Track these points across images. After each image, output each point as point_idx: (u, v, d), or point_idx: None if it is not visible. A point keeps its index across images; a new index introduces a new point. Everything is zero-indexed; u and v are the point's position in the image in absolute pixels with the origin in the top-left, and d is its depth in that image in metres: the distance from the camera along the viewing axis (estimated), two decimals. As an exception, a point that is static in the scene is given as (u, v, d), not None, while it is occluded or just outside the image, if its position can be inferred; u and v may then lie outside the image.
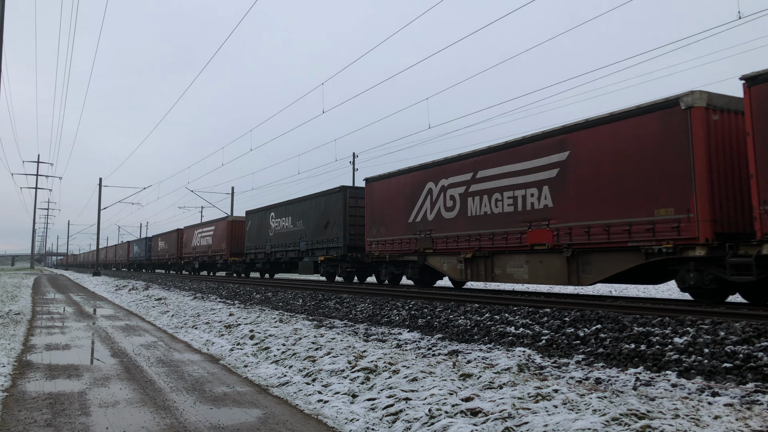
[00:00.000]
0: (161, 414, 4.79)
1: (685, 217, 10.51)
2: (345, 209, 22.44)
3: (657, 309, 8.91)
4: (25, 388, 5.73)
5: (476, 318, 9.59)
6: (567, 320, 8.36)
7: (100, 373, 6.53)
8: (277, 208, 29.09)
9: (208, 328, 10.37)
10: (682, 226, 10.55)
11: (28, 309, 14.62)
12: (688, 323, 7.13)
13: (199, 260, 41.49)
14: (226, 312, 12.39)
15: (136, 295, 19.89)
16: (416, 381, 5.33)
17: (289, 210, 27.47)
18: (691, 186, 10.44)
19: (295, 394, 5.60)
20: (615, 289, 24.54)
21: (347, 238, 22.29)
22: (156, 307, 15.29)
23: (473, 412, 4.34)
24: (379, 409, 4.79)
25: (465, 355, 7.27)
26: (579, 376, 5.94)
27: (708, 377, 5.70)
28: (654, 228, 11.03)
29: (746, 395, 4.91)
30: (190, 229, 44.41)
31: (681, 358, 6.18)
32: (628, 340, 7.07)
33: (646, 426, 3.67)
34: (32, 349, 8.22)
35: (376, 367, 5.93)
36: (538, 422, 3.97)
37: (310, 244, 24.82)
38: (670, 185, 10.81)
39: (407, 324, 10.49)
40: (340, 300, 14.04)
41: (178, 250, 46.68)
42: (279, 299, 16.38)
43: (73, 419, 4.61)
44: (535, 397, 4.58)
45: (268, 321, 10.47)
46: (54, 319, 12.42)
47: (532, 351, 7.45)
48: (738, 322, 6.81)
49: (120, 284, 28.21)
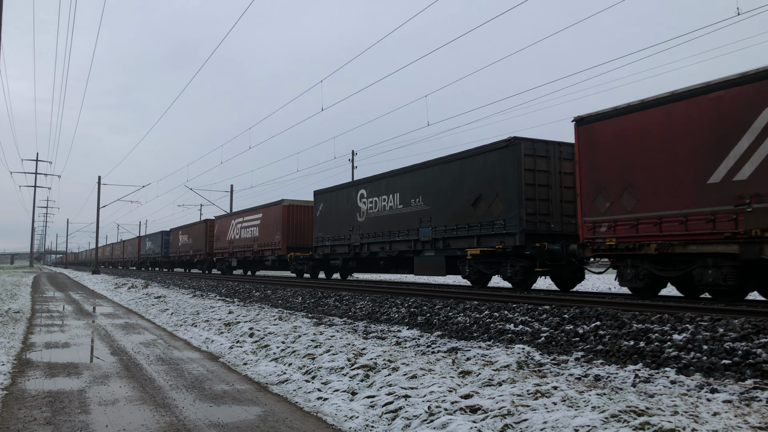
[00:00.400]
0: (161, 412, 4.79)
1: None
2: (518, 174, 14.47)
3: (656, 306, 8.91)
4: (25, 386, 5.73)
5: (475, 315, 9.60)
6: (566, 317, 8.36)
7: (99, 371, 6.53)
8: (372, 182, 21.10)
9: (208, 326, 10.38)
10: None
11: (27, 307, 14.61)
12: (687, 320, 7.14)
13: (239, 256, 33.37)
14: (225, 310, 12.40)
15: (136, 293, 19.89)
16: (416, 378, 5.34)
17: (397, 183, 19.53)
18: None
19: (294, 391, 5.60)
20: (615, 287, 24.59)
21: (523, 220, 14.34)
22: (155, 305, 15.30)
23: (473, 410, 4.34)
24: (378, 407, 4.80)
25: (464, 353, 7.27)
26: (578, 373, 5.94)
27: (707, 374, 5.71)
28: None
29: (745, 392, 4.92)
30: (225, 219, 36.65)
31: (680, 355, 6.19)
32: (627, 337, 7.08)
33: (645, 423, 3.68)
34: (32, 347, 8.21)
35: (375, 365, 5.94)
36: (537, 419, 3.98)
37: (443, 231, 16.98)
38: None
39: (407, 321, 10.50)
40: (339, 298, 14.05)
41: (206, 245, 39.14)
42: (278, 297, 16.39)
43: (73, 417, 4.61)
44: (535, 394, 4.59)
45: (268, 319, 10.47)
46: (53, 318, 12.42)
47: (532, 348, 7.46)
48: (737, 319, 6.82)
49: (119, 282, 28.20)
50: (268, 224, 29.62)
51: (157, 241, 53.72)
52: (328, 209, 24.05)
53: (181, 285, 25.13)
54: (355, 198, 22.12)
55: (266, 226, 29.79)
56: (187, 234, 44.03)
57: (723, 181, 9.94)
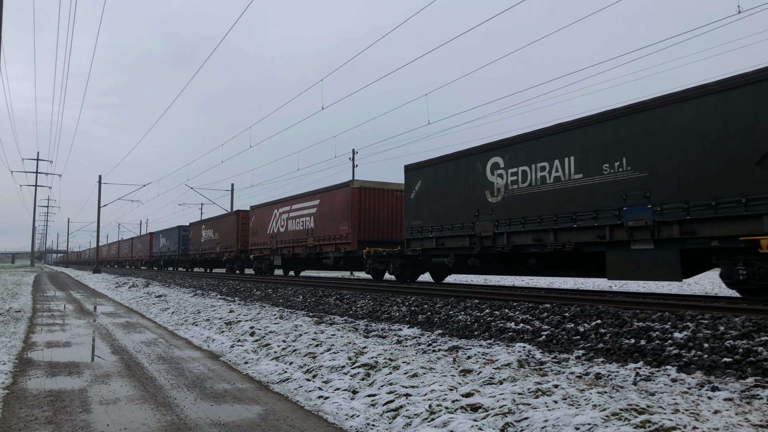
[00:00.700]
0: (162, 411, 4.79)
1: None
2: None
3: (657, 304, 8.92)
4: (26, 385, 5.73)
5: (476, 314, 9.60)
6: (567, 315, 8.37)
7: (100, 370, 6.54)
8: (516, 146, 14.87)
9: (209, 325, 10.39)
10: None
11: (28, 306, 14.63)
12: (688, 318, 7.14)
13: (284, 253, 27.52)
14: (226, 309, 12.41)
15: (137, 293, 19.90)
16: (416, 377, 5.34)
17: (569, 142, 13.32)
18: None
19: (295, 390, 5.61)
20: (615, 285, 24.60)
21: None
22: (156, 304, 15.31)
23: (473, 408, 4.35)
24: (379, 405, 4.80)
25: (465, 351, 7.28)
26: (579, 371, 5.95)
27: (708, 372, 5.71)
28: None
29: (746, 390, 4.91)
30: (264, 209, 30.39)
31: (681, 353, 6.19)
32: (628, 335, 7.08)
33: (646, 421, 3.68)
34: (33, 346, 8.22)
35: (376, 363, 5.94)
36: (538, 417, 3.98)
37: (680, 209, 10.95)
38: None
39: (407, 320, 10.51)
40: (340, 296, 14.06)
41: (238, 241, 33.45)
42: (279, 296, 16.40)
43: (74, 416, 4.62)
44: (535, 393, 4.59)
45: (269, 318, 10.48)
46: (54, 317, 12.43)
47: (532, 346, 7.46)
48: (738, 317, 6.82)
49: (120, 281, 28.23)
50: (328, 212, 23.60)
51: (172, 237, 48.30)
52: (431, 188, 17.75)
53: (182, 284, 25.15)
54: (483, 170, 15.81)
55: (326, 215, 23.81)
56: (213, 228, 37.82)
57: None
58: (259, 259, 30.67)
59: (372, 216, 22.06)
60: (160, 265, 54.31)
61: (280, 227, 28.18)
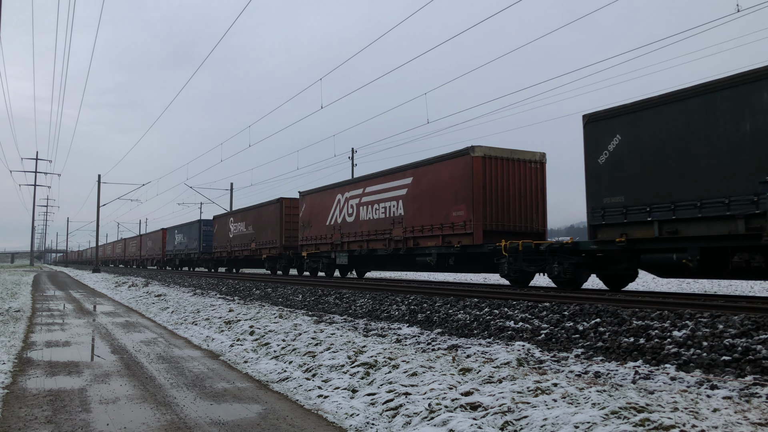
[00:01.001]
0: (162, 410, 4.80)
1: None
2: None
3: (656, 303, 8.92)
4: (26, 385, 5.74)
5: (475, 312, 9.61)
6: (566, 314, 8.37)
7: (100, 369, 6.54)
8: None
9: (208, 324, 10.39)
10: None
11: (28, 306, 14.62)
12: (687, 316, 7.15)
13: (354, 249, 21.73)
14: (225, 308, 12.41)
15: (136, 292, 19.90)
16: (416, 376, 5.34)
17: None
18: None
19: (295, 389, 5.61)
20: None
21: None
22: (156, 303, 15.31)
23: (473, 407, 4.35)
24: (379, 404, 4.80)
25: (464, 350, 7.28)
26: (578, 369, 5.95)
27: (707, 370, 5.71)
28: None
29: (745, 388, 4.92)
30: (321, 195, 24.40)
31: (680, 352, 6.20)
32: (627, 333, 7.08)
33: (645, 419, 3.68)
34: (32, 346, 8.22)
35: (375, 362, 5.94)
36: (537, 416, 3.99)
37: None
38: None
39: (407, 319, 10.51)
40: (339, 295, 14.06)
41: (281, 235, 27.60)
42: (278, 295, 16.40)
43: (74, 416, 4.62)
44: (535, 391, 4.60)
45: (268, 317, 10.48)
46: (54, 316, 12.43)
47: (532, 345, 7.47)
48: (737, 315, 6.82)
49: (120, 281, 28.22)
50: (430, 193, 17.54)
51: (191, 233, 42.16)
52: (646, 145, 11.47)
53: (181, 283, 25.14)
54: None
55: (425, 196, 17.73)
56: (245, 221, 31.96)
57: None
58: (315, 257, 24.77)
59: (501, 197, 15.97)
60: (175, 264, 47.87)
61: (347, 216, 22.17)
